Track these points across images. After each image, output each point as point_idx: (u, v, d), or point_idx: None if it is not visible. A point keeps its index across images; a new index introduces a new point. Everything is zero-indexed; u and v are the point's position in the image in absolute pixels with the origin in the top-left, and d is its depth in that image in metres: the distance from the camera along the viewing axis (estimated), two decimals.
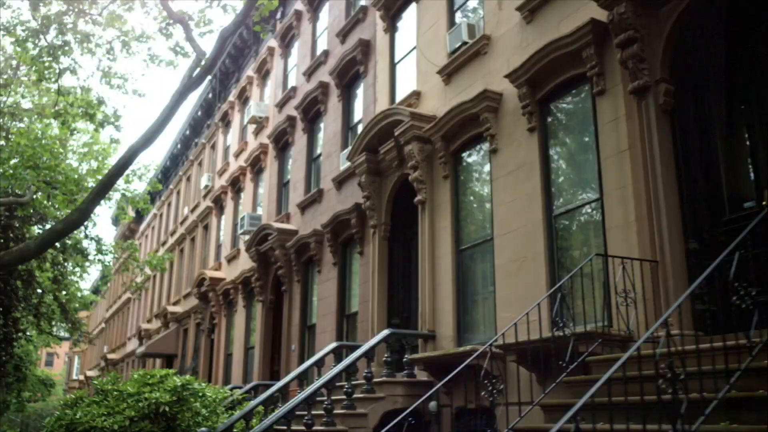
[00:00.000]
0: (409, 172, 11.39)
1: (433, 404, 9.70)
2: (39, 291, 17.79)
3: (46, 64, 13.79)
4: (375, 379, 9.73)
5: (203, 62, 8.94)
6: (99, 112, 14.89)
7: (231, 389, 12.96)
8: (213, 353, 21.21)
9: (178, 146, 30.23)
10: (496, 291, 9.15)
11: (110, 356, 39.90)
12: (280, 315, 16.69)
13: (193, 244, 26.44)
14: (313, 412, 9.17)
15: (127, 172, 16.59)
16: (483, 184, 10.07)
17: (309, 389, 9.27)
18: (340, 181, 14.09)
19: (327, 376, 9.43)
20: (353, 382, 9.58)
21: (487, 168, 9.91)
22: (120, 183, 16.29)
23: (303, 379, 10.89)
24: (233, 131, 23.15)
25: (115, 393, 10.35)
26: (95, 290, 41.86)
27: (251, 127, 20.68)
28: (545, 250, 8.43)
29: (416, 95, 11.78)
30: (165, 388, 10.30)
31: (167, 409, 9.96)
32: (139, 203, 16.62)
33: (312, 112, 16.22)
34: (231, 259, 20.76)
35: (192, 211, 27.12)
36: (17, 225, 15.87)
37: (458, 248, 10.25)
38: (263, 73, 20.67)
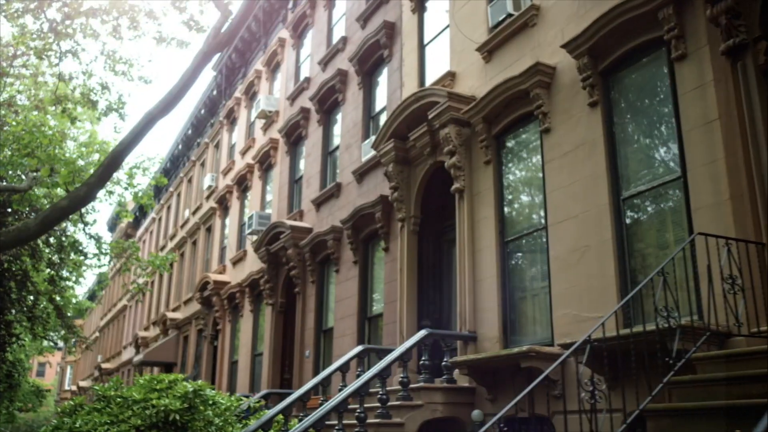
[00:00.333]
0: (443, 160, 10.42)
1: (477, 413, 8.68)
2: (34, 293, 16.68)
3: (46, 44, 12.81)
4: (412, 385, 8.71)
5: (226, 24, 7.95)
6: (102, 98, 13.90)
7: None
8: (216, 361, 20.09)
9: (179, 147, 29.20)
10: (551, 286, 8.15)
11: (105, 366, 38.62)
12: (292, 319, 15.64)
13: (195, 248, 25.37)
14: (344, 422, 8.14)
15: (131, 164, 15.59)
16: (532, 168, 9.09)
17: (340, 396, 8.23)
18: (362, 174, 13.10)
19: (359, 381, 8.39)
20: (388, 389, 8.54)
21: (537, 150, 8.93)
22: (123, 177, 15.27)
23: (325, 385, 9.85)
24: (239, 128, 22.15)
25: (119, 399, 9.26)
26: (91, 296, 40.68)
27: (259, 123, 19.70)
28: (613, 237, 7.44)
29: (450, 76, 10.83)
30: (175, 395, 9.23)
31: (178, 417, 8.89)
32: (143, 199, 15.58)
33: (329, 102, 15.25)
34: (237, 261, 19.70)
35: (194, 213, 26.08)
36: (10, 221, 14.82)
37: (503, 240, 9.25)
38: (273, 66, 19.71)
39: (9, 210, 13.07)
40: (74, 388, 50.07)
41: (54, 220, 6.89)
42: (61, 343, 49.25)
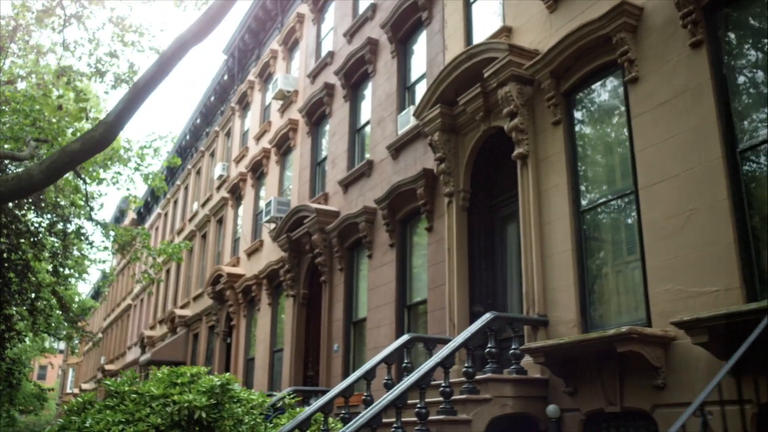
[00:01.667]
0: (499, 125, 9.24)
1: (553, 408, 7.46)
2: (36, 284, 15.46)
3: (48, 10, 11.64)
4: (478, 376, 7.49)
5: None
6: (111, 70, 12.72)
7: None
8: (230, 358, 18.86)
9: (187, 137, 27.97)
10: (646, 258, 6.94)
11: (108, 367, 37.36)
12: (316, 311, 14.43)
13: (205, 241, 24.16)
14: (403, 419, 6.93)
15: (143, 143, 14.37)
16: (615, 125, 7.89)
17: (398, 388, 7.02)
18: (398, 148, 11.90)
19: (420, 370, 7.19)
20: (451, 381, 7.33)
21: (620, 104, 7.74)
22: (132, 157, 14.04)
23: (369, 379, 8.64)
24: (253, 113, 20.95)
25: (134, 396, 8.04)
26: (94, 296, 39.49)
27: (276, 105, 18.50)
28: (729, 196, 6.23)
29: (505, 32, 9.64)
30: (199, 389, 8.02)
31: (204, 415, 7.69)
32: (154, 181, 14.36)
33: (357, 75, 14.06)
34: (252, 252, 18.49)
35: (203, 205, 24.87)
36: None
37: (577, 209, 8.04)
38: (290, 45, 18.52)
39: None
40: (76, 391, 48.79)
41: (62, 166, 5.65)
42: (62, 345, 48.04)
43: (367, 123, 13.58)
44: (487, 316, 7.71)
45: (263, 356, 16.62)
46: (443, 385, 7.23)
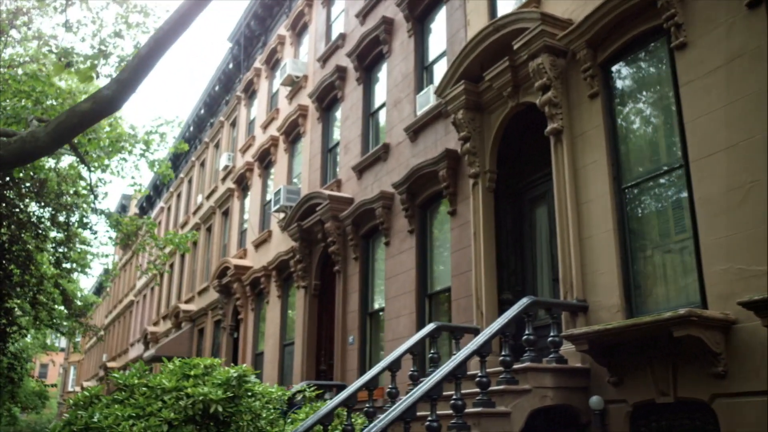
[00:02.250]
0: (528, 100, 8.73)
1: (596, 399, 6.95)
2: (38, 276, 14.94)
3: None
4: (516, 365, 6.97)
5: None
6: (115, 53, 12.18)
7: None
8: (237, 353, 18.33)
9: (190, 128, 27.41)
10: (700, 236, 6.41)
11: (110, 365, 36.87)
12: (329, 302, 13.92)
13: (210, 234, 23.63)
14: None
15: (149, 128, 13.82)
16: (660, 95, 7.35)
17: (433, 378, 6.50)
18: (416, 130, 11.37)
19: (454, 360, 6.69)
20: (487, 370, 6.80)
21: (666, 72, 7.21)
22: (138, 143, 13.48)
23: (394, 370, 8.14)
24: (260, 101, 20.41)
25: (144, 389, 7.52)
26: (97, 291, 38.99)
27: (284, 92, 17.96)
28: None
29: (534, 2, 9.10)
30: (214, 382, 7.52)
31: (220, 409, 7.18)
32: (161, 168, 13.81)
33: (370, 57, 13.52)
34: (260, 243, 17.96)
35: (208, 197, 24.34)
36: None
37: (619, 186, 7.51)
38: (299, 29, 17.97)
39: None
40: (78, 389, 48.33)
41: (71, 128, 5.07)
42: (63, 342, 47.47)
43: (382, 106, 13.04)
44: (524, 301, 7.19)
45: (273, 351, 16.10)
46: (479, 374, 6.72)
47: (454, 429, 6.35)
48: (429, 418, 6.29)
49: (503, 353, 6.96)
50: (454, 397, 6.44)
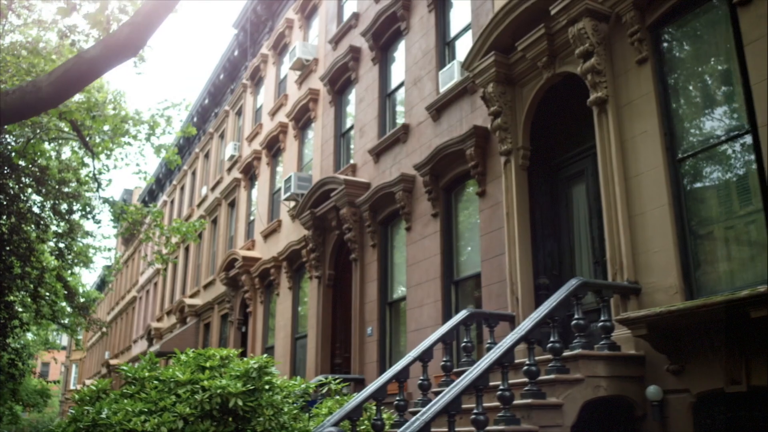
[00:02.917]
0: (566, 70, 8.13)
1: (654, 389, 6.33)
2: (39, 268, 14.33)
3: None
4: (566, 353, 6.36)
5: None
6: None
7: None
8: (246, 347, 17.73)
9: (194, 119, 26.77)
10: None
11: (113, 362, 36.25)
12: (344, 292, 13.32)
13: (215, 226, 23.02)
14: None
15: (154, 112, 13.16)
16: (719, 56, 6.72)
17: (478, 367, 5.89)
18: (439, 108, 10.75)
19: (500, 347, 6.08)
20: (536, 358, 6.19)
21: (726, 31, 6.58)
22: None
23: (426, 360, 7.53)
24: (267, 88, 19.76)
25: (156, 382, 6.89)
26: (99, 286, 38.40)
27: (293, 77, 17.32)
28: None
29: None
30: (232, 374, 6.89)
31: (240, 403, 6.55)
32: (167, 153, 13.18)
33: (387, 34, 12.89)
34: (269, 234, 17.34)
35: (213, 189, 23.72)
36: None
37: (673, 158, 6.89)
38: (308, 12, 17.34)
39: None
40: (80, 387, 47.75)
41: (78, 77, 4.39)
42: (65, 340, 46.85)
43: (401, 85, 12.41)
44: (572, 282, 6.58)
45: (284, 344, 15.49)
46: (527, 362, 6.12)
47: (502, 422, 5.77)
48: (475, 411, 5.69)
49: (552, 339, 6.35)
50: (501, 387, 5.85)
